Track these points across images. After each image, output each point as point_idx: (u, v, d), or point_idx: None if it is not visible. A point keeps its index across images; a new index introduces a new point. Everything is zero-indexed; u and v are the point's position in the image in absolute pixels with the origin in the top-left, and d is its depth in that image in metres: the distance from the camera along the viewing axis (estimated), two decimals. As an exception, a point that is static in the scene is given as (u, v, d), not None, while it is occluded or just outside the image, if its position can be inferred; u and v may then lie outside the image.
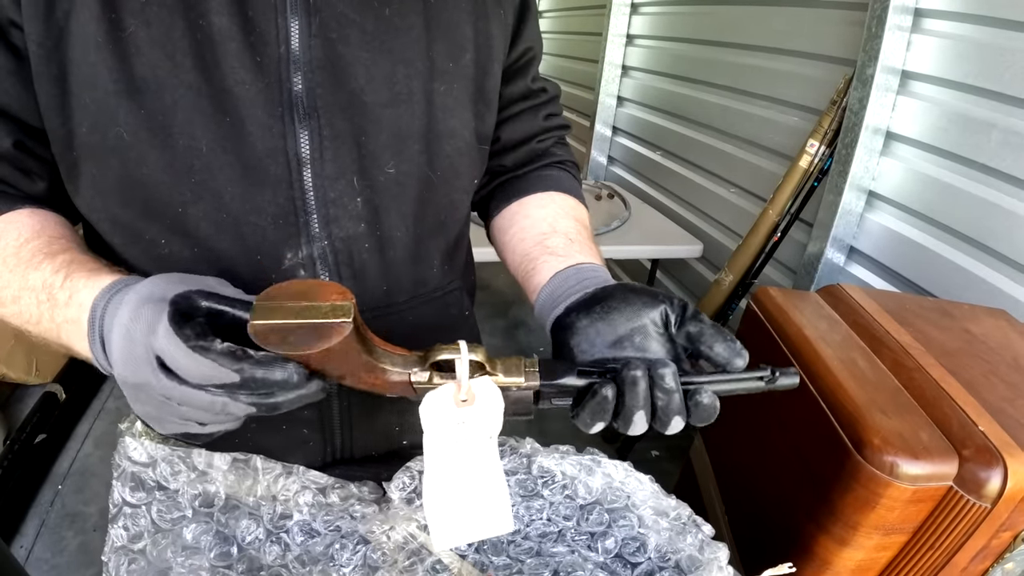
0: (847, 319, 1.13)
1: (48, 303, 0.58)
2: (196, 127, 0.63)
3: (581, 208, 0.88)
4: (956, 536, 0.86)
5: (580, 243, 0.79)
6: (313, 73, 0.66)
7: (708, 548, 0.70)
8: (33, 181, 0.67)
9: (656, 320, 0.60)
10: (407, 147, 0.72)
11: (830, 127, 1.78)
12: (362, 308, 0.74)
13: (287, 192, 0.67)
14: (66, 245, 0.63)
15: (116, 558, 0.63)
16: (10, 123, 0.63)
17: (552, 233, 0.80)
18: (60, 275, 0.58)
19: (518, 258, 0.82)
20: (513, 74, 0.84)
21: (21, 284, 0.59)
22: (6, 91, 0.61)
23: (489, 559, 0.68)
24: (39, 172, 0.67)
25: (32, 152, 0.65)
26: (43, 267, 0.59)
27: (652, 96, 2.98)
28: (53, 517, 2.14)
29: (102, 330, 0.54)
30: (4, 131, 0.63)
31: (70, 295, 0.57)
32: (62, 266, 0.59)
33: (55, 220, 0.67)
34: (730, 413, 1.32)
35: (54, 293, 0.58)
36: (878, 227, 1.75)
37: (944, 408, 0.89)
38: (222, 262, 0.68)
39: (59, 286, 0.58)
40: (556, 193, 0.87)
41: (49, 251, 0.61)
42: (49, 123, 0.62)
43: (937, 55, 1.56)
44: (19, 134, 0.64)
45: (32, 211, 0.66)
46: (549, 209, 0.84)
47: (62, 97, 0.61)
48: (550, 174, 0.89)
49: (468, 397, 0.55)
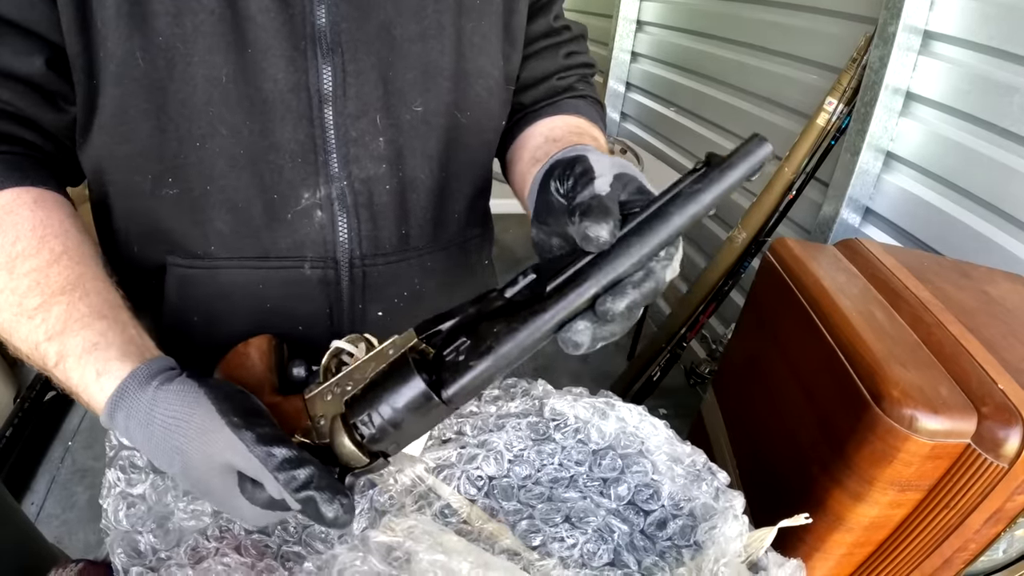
0: (865, 273, 1.11)
1: (45, 367, 0.55)
2: (217, 55, 0.61)
3: (592, 126, 0.83)
4: (972, 496, 0.84)
5: (567, 140, 0.74)
6: (338, 6, 0.63)
7: (723, 496, 0.69)
8: (61, 110, 0.64)
9: (554, 191, 0.55)
10: (436, 84, 0.70)
11: (849, 85, 1.75)
12: (377, 252, 0.74)
13: (307, 129, 0.66)
14: (64, 273, 0.57)
15: (114, 502, 0.62)
16: (40, 42, 0.60)
17: (544, 143, 0.76)
18: (52, 351, 0.54)
19: (518, 183, 0.79)
20: (536, 12, 0.81)
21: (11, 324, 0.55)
22: (34, 7, 0.58)
23: (499, 504, 0.67)
24: (69, 96, 0.63)
25: (64, 74, 0.62)
26: (35, 322, 0.54)
27: (667, 52, 2.93)
28: (63, 473, 2.16)
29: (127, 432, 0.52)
30: (34, 49, 0.60)
31: (67, 378, 0.54)
32: (54, 333, 0.54)
33: (58, 214, 0.61)
34: (742, 364, 1.32)
35: (48, 365, 0.54)
36: (895, 188, 1.72)
37: (963, 364, 0.88)
38: (234, 201, 0.67)
39: (52, 364, 0.54)
40: (568, 115, 0.83)
41: (48, 289, 0.55)
42: (71, 47, 0.60)
43: (960, 16, 1.53)
44: (49, 53, 0.61)
45: (36, 197, 0.61)
46: (550, 125, 0.81)
47: (82, 19, 0.58)
48: (566, 102, 0.85)
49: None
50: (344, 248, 0.72)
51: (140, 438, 0.51)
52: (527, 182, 0.71)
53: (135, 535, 0.60)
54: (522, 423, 0.72)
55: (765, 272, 1.22)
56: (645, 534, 0.69)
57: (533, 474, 0.71)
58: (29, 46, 0.60)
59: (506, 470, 0.70)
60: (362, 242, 0.72)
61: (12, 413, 2.11)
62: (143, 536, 0.60)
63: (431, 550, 0.54)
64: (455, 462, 0.70)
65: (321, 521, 0.47)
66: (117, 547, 0.59)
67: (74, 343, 0.53)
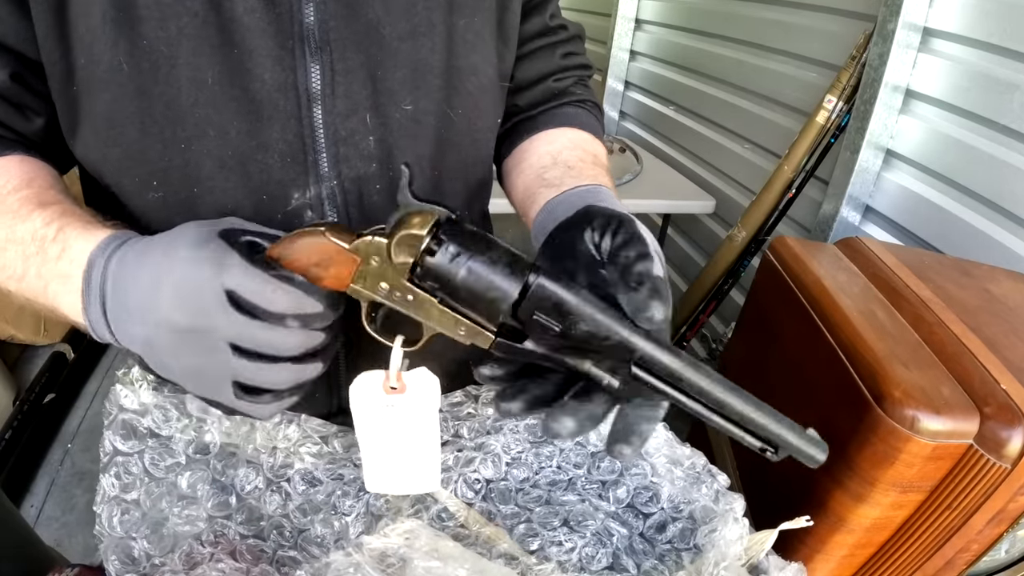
0: (865, 271, 1.10)
1: (37, 256, 0.55)
2: (201, 58, 0.60)
3: (595, 143, 0.83)
4: (974, 497, 0.84)
5: (580, 170, 0.74)
6: (326, 4, 0.63)
7: (723, 499, 0.68)
8: (28, 119, 0.64)
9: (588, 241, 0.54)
10: (426, 82, 0.69)
11: (848, 83, 1.75)
12: None
13: (296, 129, 0.65)
14: (58, 196, 0.60)
15: (108, 508, 0.61)
16: (7, 55, 0.60)
17: (552, 165, 0.76)
18: (52, 227, 0.55)
19: (520, 196, 0.78)
20: (531, 10, 0.80)
21: (7, 235, 0.56)
22: (2, 20, 0.58)
23: (497, 507, 0.67)
24: (36, 109, 0.64)
25: (29, 86, 0.62)
26: (33, 217, 0.56)
27: (666, 50, 2.92)
28: (63, 476, 2.16)
29: (103, 286, 0.52)
30: (0, 63, 0.60)
31: (63, 248, 0.54)
32: (55, 217, 0.56)
33: (47, 171, 0.64)
34: (742, 363, 1.31)
35: (45, 246, 0.55)
36: (895, 186, 1.71)
37: (965, 364, 0.87)
38: (224, 202, 0.66)
39: (51, 239, 0.55)
40: (568, 128, 0.82)
41: (40, 201, 0.58)
42: (47, 56, 0.60)
43: (960, 13, 1.52)
44: (16, 66, 0.61)
45: (23, 158, 0.63)
46: (557, 144, 0.80)
47: (61, 28, 0.58)
48: (565, 111, 0.84)
49: (398, 386, 0.56)
50: None
51: (128, 284, 0.51)
52: (536, 203, 0.72)
53: (129, 541, 0.60)
54: (520, 425, 0.72)
55: (765, 271, 1.21)
56: (644, 537, 0.68)
57: (531, 477, 0.70)
58: None
59: (504, 473, 0.70)
60: None
61: (11, 415, 2.11)
62: (137, 542, 0.60)
63: (426, 556, 0.53)
64: (452, 465, 0.69)
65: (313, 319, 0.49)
66: (111, 554, 0.58)
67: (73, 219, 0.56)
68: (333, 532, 0.63)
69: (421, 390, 0.57)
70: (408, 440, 0.59)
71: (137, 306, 0.50)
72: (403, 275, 0.48)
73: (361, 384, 0.57)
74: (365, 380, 0.57)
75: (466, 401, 0.72)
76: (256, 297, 0.48)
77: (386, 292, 0.49)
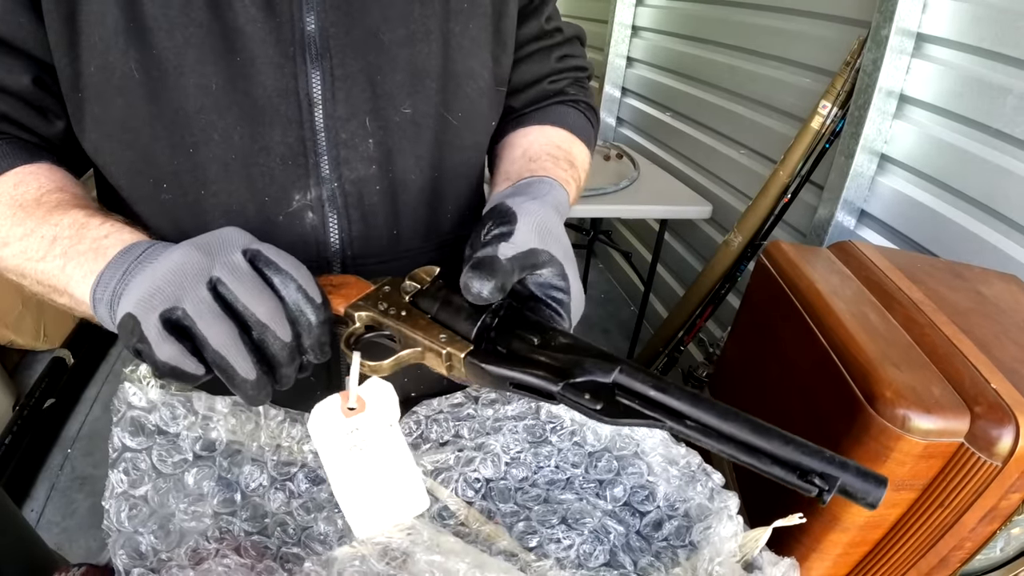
0: (858, 275, 1.11)
1: (68, 239, 0.56)
2: (206, 66, 0.62)
3: (574, 141, 0.83)
4: (966, 495, 0.85)
5: (540, 163, 0.76)
6: (327, 12, 0.65)
7: (718, 497, 0.69)
8: (51, 122, 0.66)
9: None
10: (423, 87, 0.71)
11: (843, 88, 1.76)
12: (369, 253, 0.74)
13: (297, 132, 0.67)
14: (91, 202, 0.62)
15: (116, 504, 0.62)
16: (29, 60, 0.62)
17: (523, 158, 0.78)
18: (98, 217, 0.57)
19: (490, 186, 0.80)
20: (527, 14, 0.81)
21: (35, 226, 0.58)
22: (23, 27, 0.60)
23: (496, 506, 0.68)
24: (56, 112, 0.66)
25: (49, 90, 0.64)
26: (73, 212, 0.58)
27: (662, 57, 2.94)
28: (63, 481, 2.16)
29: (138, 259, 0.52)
30: (22, 67, 0.62)
31: (109, 232, 0.55)
32: (98, 211, 0.59)
33: (73, 179, 0.66)
34: (737, 367, 1.31)
35: (85, 230, 0.56)
36: (889, 191, 1.73)
37: (956, 365, 0.88)
38: (228, 204, 0.68)
39: (97, 224, 0.56)
40: (549, 126, 0.84)
41: (76, 203, 0.60)
42: (57, 62, 0.62)
43: (952, 18, 1.53)
44: (37, 71, 0.63)
45: (51, 167, 0.65)
46: (531, 138, 0.82)
47: (71, 36, 0.60)
48: (554, 109, 0.86)
49: (357, 405, 0.56)
50: (335, 249, 0.73)
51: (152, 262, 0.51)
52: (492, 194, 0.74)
53: (137, 536, 0.61)
54: (519, 426, 0.73)
55: (759, 275, 1.22)
56: (641, 535, 0.69)
57: (530, 476, 0.71)
58: (17, 64, 0.62)
59: (503, 472, 0.71)
60: (353, 243, 0.73)
61: (11, 421, 2.11)
62: (144, 537, 0.61)
63: (428, 550, 0.54)
64: (452, 465, 0.70)
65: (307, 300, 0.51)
66: (119, 549, 0.59)
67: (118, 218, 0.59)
68: (336, 530, 0.64)
69: (379, 402, 0.57)
70: (382, 461, 0.58)
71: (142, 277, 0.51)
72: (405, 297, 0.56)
73: (319, 415, 0.57)
74: (322, 410, 0.57)
75: (466, 402, 0.74)
76: (238, 292, 0.48)
77: (383, 308, 0.55)
